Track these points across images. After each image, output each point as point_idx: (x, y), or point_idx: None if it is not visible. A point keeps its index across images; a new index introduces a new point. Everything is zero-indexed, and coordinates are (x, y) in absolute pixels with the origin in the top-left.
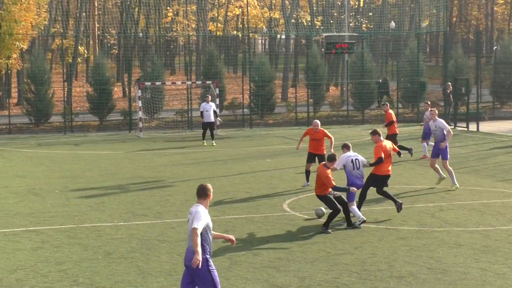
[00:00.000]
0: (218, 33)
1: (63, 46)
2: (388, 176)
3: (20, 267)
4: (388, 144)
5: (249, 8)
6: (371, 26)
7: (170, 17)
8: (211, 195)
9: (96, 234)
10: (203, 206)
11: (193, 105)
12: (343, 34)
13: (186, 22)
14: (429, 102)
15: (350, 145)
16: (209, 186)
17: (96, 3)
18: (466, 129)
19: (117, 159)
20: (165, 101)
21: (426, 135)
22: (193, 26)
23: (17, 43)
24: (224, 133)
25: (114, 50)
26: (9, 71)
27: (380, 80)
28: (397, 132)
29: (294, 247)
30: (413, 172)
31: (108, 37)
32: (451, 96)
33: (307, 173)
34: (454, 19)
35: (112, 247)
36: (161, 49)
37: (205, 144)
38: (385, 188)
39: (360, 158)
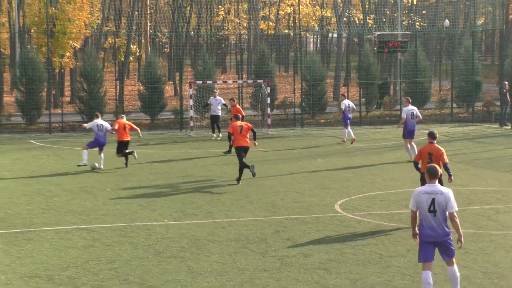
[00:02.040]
0: (269, 31)
1: (116, 45)
2: (242, 147)
3: (72, 265)
4: (242, 123)
5: (300, 6)
6: (425, 24)
7: (221, 16)
8: None
9: (147, 233)
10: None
11: (244, 104)
12: (396, 32)
13: (238, 21)
14: (345, 94)
15: (99, 114)
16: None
17: (148, 2)
18: None
19: (168, 157)
20: None
21: (346, 122)
22: (245, 25)
23: (71, 42)
24: (275, 132)
25: (165, 49)
26: (62, 70)
27: (380, 82)
28: None
29: (345, 249)
30: (467, 173)
31: (160, 35)
32: (507, 95)
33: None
34: (511, 16)
35: (162, 246)
36: (212, 48)
37: (214, 137)
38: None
39: (106, 125)
